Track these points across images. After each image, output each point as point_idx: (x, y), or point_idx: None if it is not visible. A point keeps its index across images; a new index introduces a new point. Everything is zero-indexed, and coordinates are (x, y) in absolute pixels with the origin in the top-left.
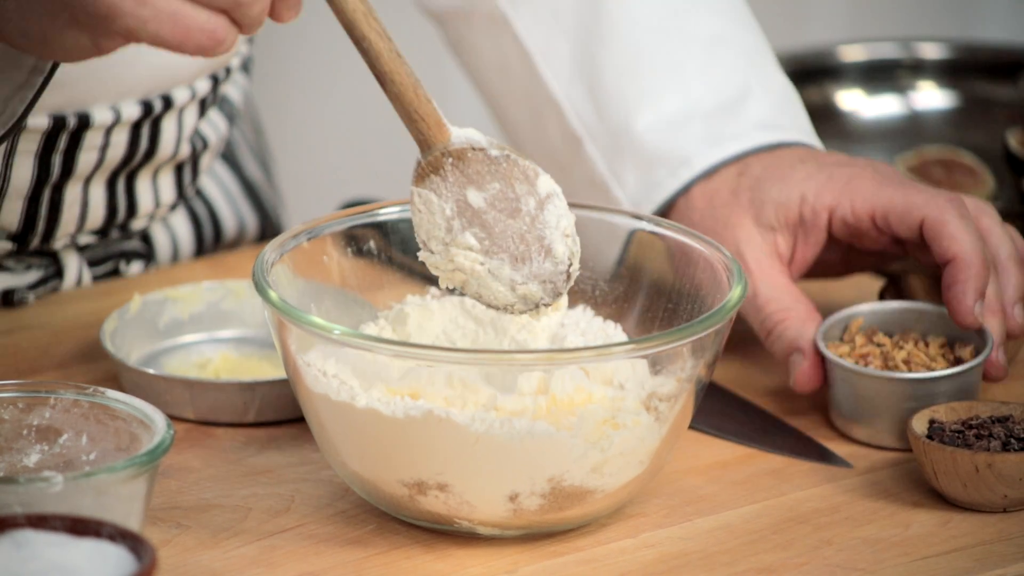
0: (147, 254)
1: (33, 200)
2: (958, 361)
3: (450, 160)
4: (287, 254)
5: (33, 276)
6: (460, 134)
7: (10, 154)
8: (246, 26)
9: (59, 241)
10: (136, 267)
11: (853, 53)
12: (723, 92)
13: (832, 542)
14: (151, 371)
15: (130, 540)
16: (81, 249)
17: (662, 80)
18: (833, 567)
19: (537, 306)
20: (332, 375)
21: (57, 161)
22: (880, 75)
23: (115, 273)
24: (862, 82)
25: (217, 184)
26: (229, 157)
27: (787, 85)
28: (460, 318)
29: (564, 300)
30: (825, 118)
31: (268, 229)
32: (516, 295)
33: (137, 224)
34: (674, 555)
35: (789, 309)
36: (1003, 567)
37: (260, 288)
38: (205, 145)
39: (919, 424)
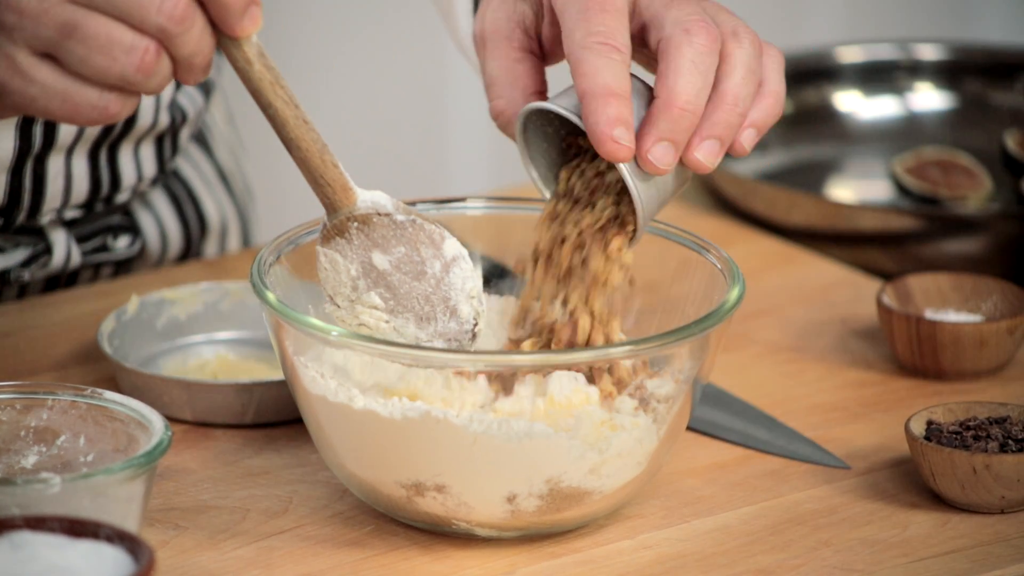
0: (133, 228)
1: (16, 173)
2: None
3: (355, 224)
4: (285, 255)
5: (22, 254)
6: (367, 198)
7: None
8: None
9: (45, 216)
10: (123, 241)
11: (851, 54)
12: None
13: (830, 543)
14: (149, 372)
15: (128, 541)
16: (68, 225)
17: None
18: (831, 568)
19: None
20: (330, 376)
21: (38, 131)
22: (878, 76)
23: (103, 249)
24: (860, 83)
25: (192, 167)
26: (203, 142)
27: None
28: None
29: None
30: (823, 119)
31: (245, 223)
32: None
33: (121, 197)
34: (672, 556)
35: (503, 99)
36: (1001, 568)
37: (258, 289)
38: (184, 117)
39: (917, 425)
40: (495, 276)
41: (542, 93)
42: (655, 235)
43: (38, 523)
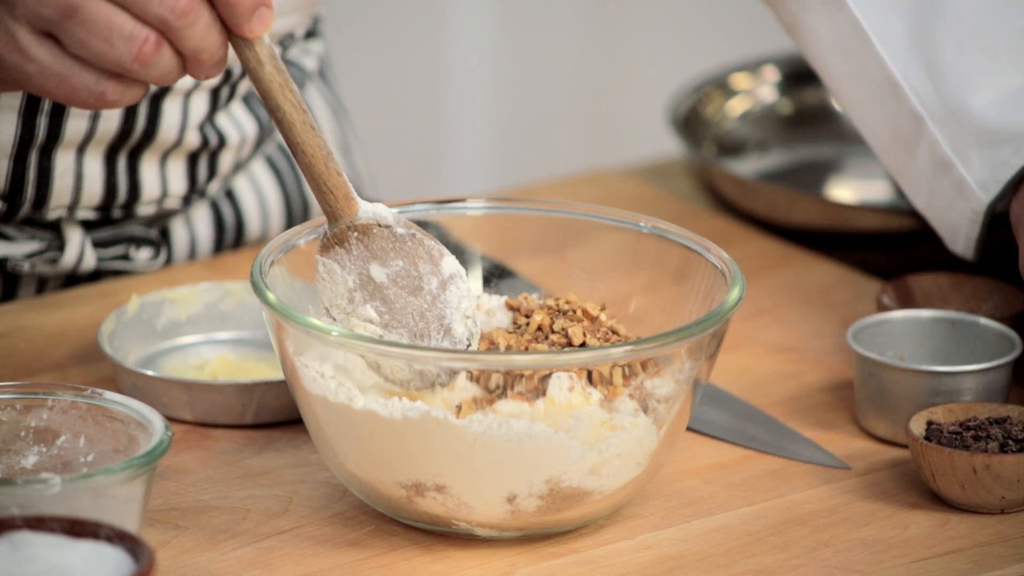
0: (157, 243)
1: (19, 161)
2: None
3: (355, 234)
4: (285, 255)
5: (32, 247)
6: (368, 208)
7: None
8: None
9: (54, 211)
10: (145, 253)
11: None
12: None
13: (830, 543)
14: (149, 372)
15: (128, 542)
16: (87, 227)
17: (1000, 55)
18: (831, 568)
19: (433, 385)
20: (330, 376)
21: (42, 123)
22: None
23: (124, 258)
24: None
25: (255, 192)
26: (279, 170)
27: None
28: None
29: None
30: (823, 120)
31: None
32: (413, 371)
33: (143, 209)
34: (672, 556)
35: None
36: (1001, 568)
37: (258, 289)
38: (222, 141)
39: (917, 426)
40: (495, 276)
41: None
42: (655, 235)
43: (38, 523)
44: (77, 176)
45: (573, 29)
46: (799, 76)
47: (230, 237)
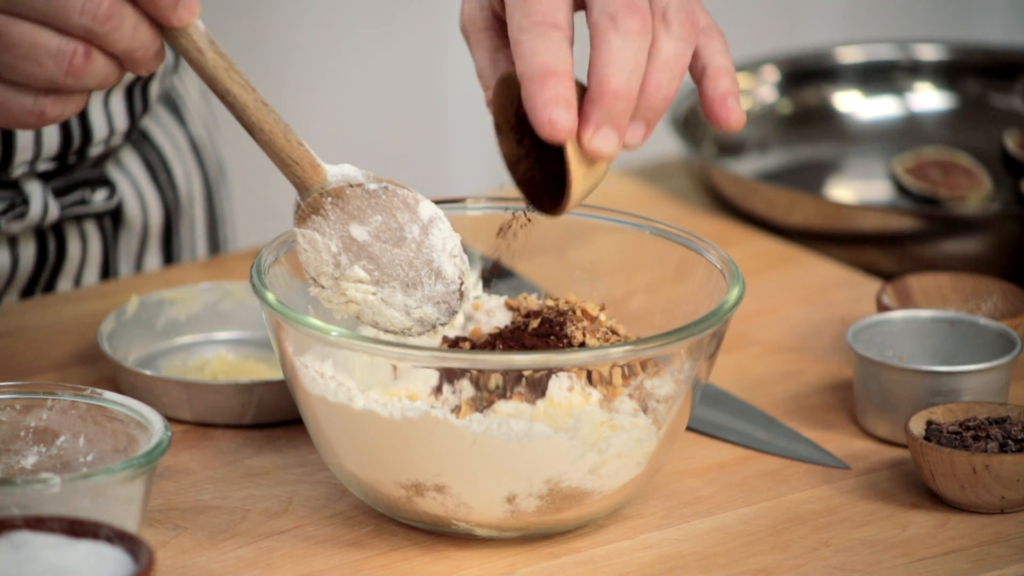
0: (111, 182)
1: None
2: None
3: (329, 199)
4: (285, 255)
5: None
6: (336, 172)
7: None
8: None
9: (18, 168)
10: (101, 195)
11: (850, 54)
12: None
13: (830, 543)
14: (148, 372)
15: (128, 542)
16: (43, 179)
17: None
18: (831, 568)
19: (434, 326)
20: (329, 376)
21: None
22: (877, 76)
23: (82, 203)
24: (859, 83)
25: (166, 135)
26: (176, 112)
27: None
28: (458, 319)
29: (459, 317)
30: (822, 119)
31: (211, 195)
32: (412, 319)
33: (94, 151)
34: (672, 556)
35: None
36: (1001, 568)
37: (257, 289)
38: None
39: (916, 426)
40: (495, 276)
41: None
42: (655, 235)
43: (38, 523)
44: (36, 129)
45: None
46: (799, 76)
47: (162, 177)
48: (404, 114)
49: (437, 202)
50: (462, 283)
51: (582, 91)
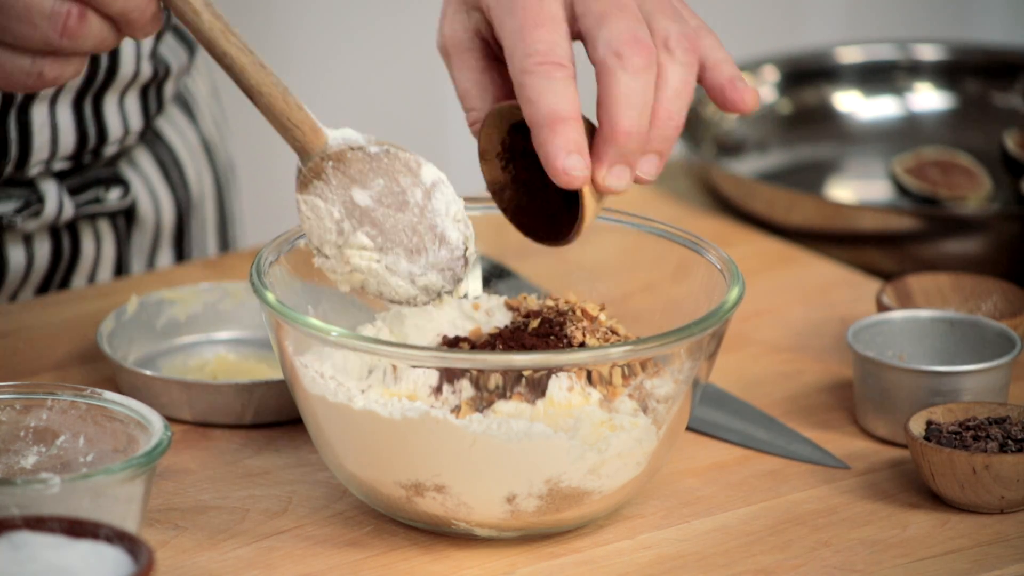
0: (125, 181)
1: (1, 124)
2: None
3: (330, 163)
4: (284, 255)
5: (13, 205)
6: (337, 135)
7: None
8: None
9: (34, 168)
10: (115, 193)
11: (850, 54)
12: None
13: (829, 543)
14: (148, 373)
15: (127, 542)
16: (59, 177)
17: None
18: (831, 568)
19: (439, 295)
20: (329, 376)
21: None
22: (877, 76)
23: (96, 201)
24: (859, 83)
25: (178, 133)
26: (188, 110)
27: None
28: (458, 319)
29: (464, 285)
30: (822, 119)
31: (222, 194)
32: (417, 287)
33: (109, 150)
34: (671, 556)
35: (476, 111)
36: (1001, 568)
37: (257, 289)
38: (167, 71)
39: (916, 425)
40: (495, 276)
41: (513, 96)
42: (655, 235)
43: (38, 523)
44: (52, 128)
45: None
46: (799, 76)
47: (175, 175)
48: (404, 114)
49: None
50: (467, 248)
51: (591, 128)
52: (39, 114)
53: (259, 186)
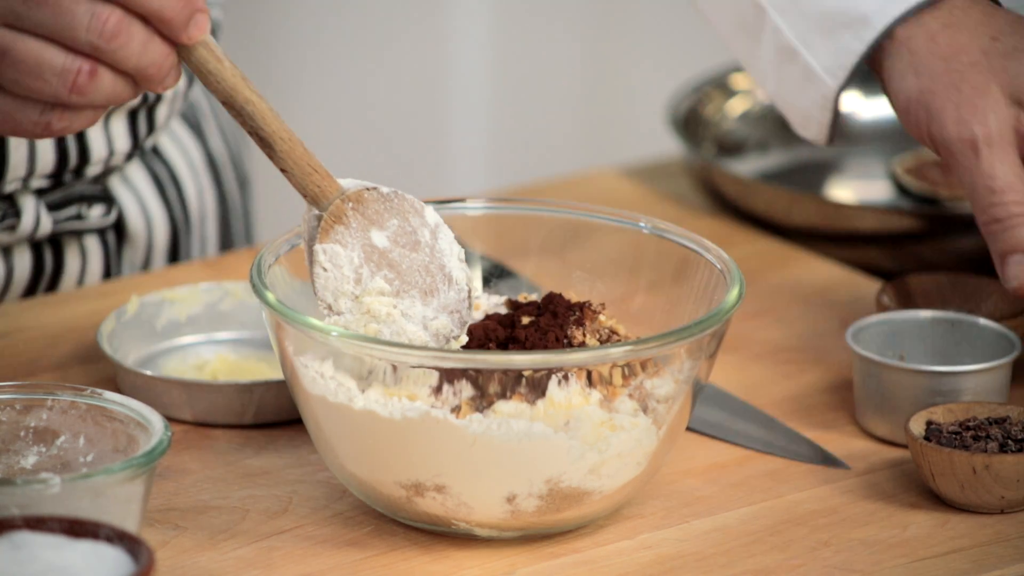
0: (108, 198)
1: None
2: None
3: (350, 205)
4: (285, 255)
5: None
6: (345, 181)
7: None
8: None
9: (10, 184)
10: (97, 210)
11: None
12: None
13: (830, 543)
14: (148, 372)
15: (127, 542)
16: (37, 193)
17: None
18: (831, 568)
19: (448, 340)
20: (329, 376)
21: None
22: None
23: (77, 218)
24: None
25: (179, 148)
26: (193, 124)
27: None
28: None
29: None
30: None
31: (226, 212)
32: (429, 332)
33: (92, 170)
34: (671, 556)
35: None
36: (1001, 568)
37: (257, 289)
38: (159, 95)
39: (916, 426)
40: (495, 276)
41: None
42: (655, 235)
43: (38, 523)
44: (31, 147)
45: (573, 29)
46: None
47: (171, 193)
48: (404, 115)
49: (437, 202)
50: (470, 290)
51: None
52: None
53: (275, 201)
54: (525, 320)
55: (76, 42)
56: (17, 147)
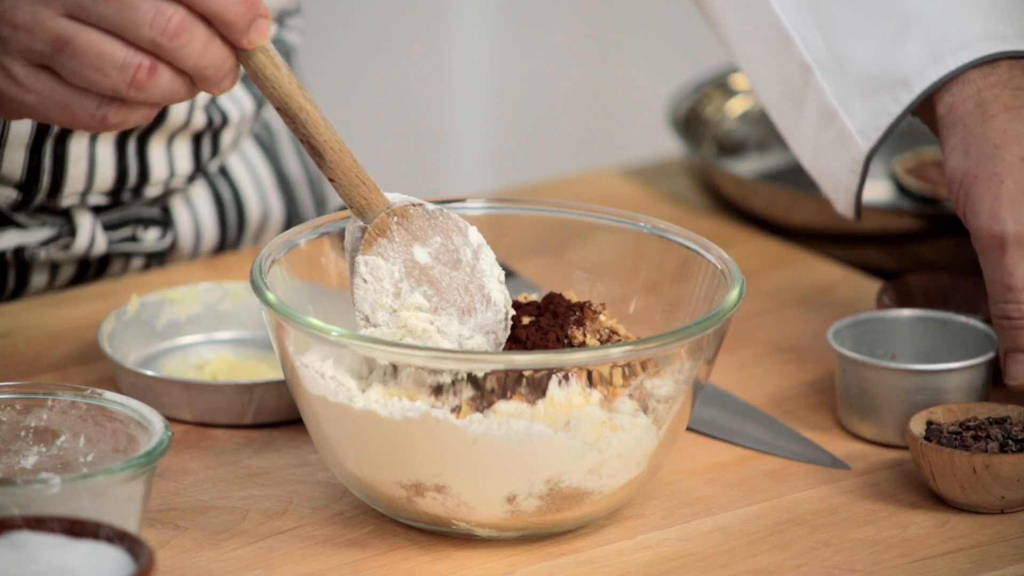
0: (164, 222)
1: (35, 151)
2: None
3: (395, 219)
4: (285, 255)
5: (44, 234)
6: (392, 195)
7: None
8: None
9: (67, 199)
10: (153, 234)
11: None
12: (939, 2)
13: (830, 543)
14: (149, 372)
15: (128, 542)
16: (96, 212)
17: (881, 1)
18: (831, 568)
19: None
20: (329, 376)
21: None
22: None
23: (132, 240)
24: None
25: (247, 168)
26: (267, 146)
27: None
28: None
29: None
30: None
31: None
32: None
33: (151, 191)
34: (671, 556)
35: None
36: (1001, 568)
37: (258, 289)
38: (225, 120)
39: (917, 426)
40: None
41: None
42: (655, 235)
43: (38, 523)
44: (90, 162)
45: (573, 29)
46: None
47: (231, 214)
48: (405, 115)
49: (437, 202)
50: (507, 312)
51: None
52: (77, 146)
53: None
54: (525, 320)
55: (139, 38)
56: (77, 161)
